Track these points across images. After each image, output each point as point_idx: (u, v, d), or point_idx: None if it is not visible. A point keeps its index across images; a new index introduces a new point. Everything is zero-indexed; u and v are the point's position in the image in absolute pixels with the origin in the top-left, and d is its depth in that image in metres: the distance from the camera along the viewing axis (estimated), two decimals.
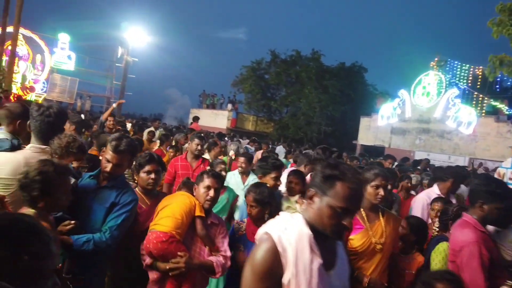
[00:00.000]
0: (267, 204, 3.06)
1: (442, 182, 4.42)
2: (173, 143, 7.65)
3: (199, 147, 5.20)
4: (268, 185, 3.51)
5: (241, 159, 5.10)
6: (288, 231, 1.54)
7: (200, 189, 2.85)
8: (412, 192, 5.47)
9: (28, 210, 2.05)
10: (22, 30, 20.73)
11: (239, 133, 23.75)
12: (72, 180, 2.49)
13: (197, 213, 2.74)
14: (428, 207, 4.09)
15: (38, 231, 1.24)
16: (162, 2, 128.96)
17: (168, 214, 2.67)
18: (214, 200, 2.86)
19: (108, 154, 2.61)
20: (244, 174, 5.04)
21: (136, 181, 3.25)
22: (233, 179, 4.97)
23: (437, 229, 3.35)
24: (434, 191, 4.44)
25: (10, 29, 16.93)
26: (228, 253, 2.83)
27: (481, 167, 12.94)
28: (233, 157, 6.50)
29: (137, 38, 26.66)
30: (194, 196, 2.89)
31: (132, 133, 8.47)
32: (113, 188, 2.63)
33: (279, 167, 4.07)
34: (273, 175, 3.96)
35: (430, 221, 3.84)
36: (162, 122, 23.54)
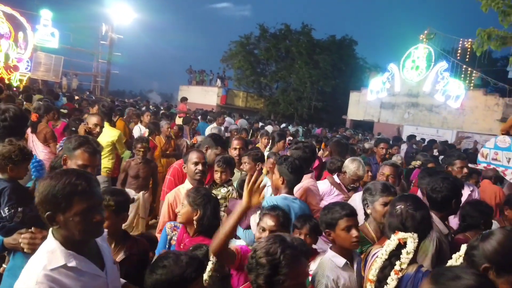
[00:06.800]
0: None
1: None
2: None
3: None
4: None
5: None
6: None
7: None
8: None
9: None
10: (2, 7, 20.04)
11: (229, 110, 23.62)
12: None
13: None
14: None
15: None
16: None
17: None
18: None
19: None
20: None
21: None
22: None
23: None
24: None
25: None
26: None
27: (463, 140, 13.04)
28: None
29: (121, 14, 25.95)
30: None
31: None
32: None
33: None
34: None
35: None
36: (152, 102, 23.30)
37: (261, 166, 3.92)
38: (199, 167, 3.31)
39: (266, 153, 4.98)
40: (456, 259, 1.81)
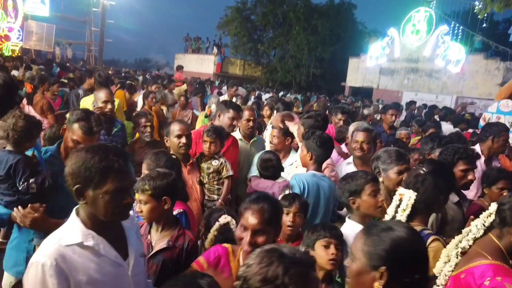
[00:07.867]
0: None
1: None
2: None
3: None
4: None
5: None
6: None
7: None
8: None
9: None
10: None
11: (226, 78, 23.26)
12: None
13: None
14: None
15: None
16: None
17: None
18: None
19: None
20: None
21: None
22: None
23: None
24: None
25: None
26: None
27: (466, 107, 12.99)
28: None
29: None
30: None
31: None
32: None
33: None
34: None
35: None
36: (148, 71, 22.87)
37: (290, 140, 3.62)
38: (183, 140, 3.06)
39: (269, 125, 4.73)
40: (487, 216, 1.80)
